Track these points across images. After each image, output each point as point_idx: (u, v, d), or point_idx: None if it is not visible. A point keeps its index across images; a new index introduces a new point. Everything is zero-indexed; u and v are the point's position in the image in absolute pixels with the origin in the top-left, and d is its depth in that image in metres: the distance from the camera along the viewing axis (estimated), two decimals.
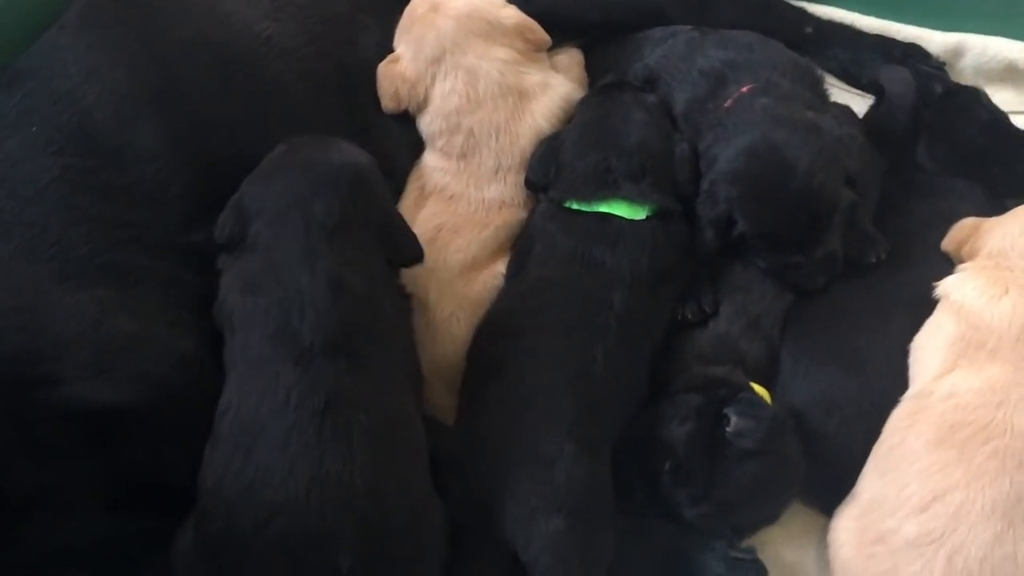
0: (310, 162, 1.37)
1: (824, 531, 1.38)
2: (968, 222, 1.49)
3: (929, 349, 1.38)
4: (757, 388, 1.42)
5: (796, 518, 1.44)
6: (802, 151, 1.45)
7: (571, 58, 1.80)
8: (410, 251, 1.42)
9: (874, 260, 1.50)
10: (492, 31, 1.64)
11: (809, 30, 1.90)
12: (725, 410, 1.35)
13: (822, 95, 1.65)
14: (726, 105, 1.56)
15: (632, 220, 1.50)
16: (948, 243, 1.50)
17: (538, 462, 1.30)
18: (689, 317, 1.48)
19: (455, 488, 1.32)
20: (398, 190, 1.66)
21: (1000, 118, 1.72)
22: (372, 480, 1.20)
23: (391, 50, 1.69)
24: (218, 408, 1.26)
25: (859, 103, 1.83)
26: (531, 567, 1.27)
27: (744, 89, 1.56)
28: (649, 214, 1.51)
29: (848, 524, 1.32)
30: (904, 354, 1.41)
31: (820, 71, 1.71)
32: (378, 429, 1.23)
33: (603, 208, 1.51)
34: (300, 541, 1.16)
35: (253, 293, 1.28)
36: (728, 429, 1.34)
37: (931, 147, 1.69)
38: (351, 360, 1.25)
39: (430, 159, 1.65)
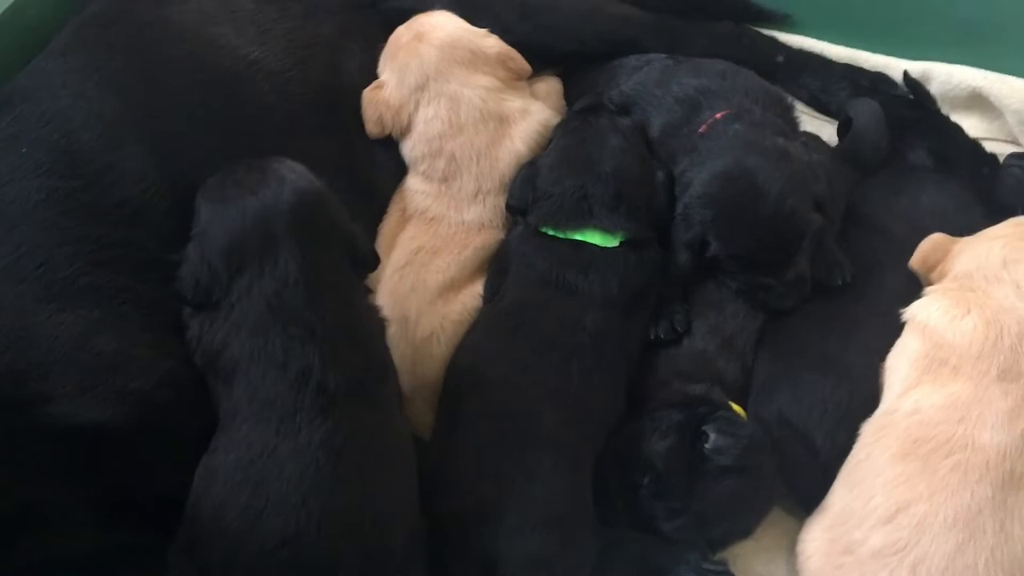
0: (270, 200, 1.32)
1: (794, 545, 1.42)
2: (937, 238, 1.53)
3: (896, 368, 1.42)
4: (735, 407, 1.46)
5: (767, 532, 1.48)
6: (774, 177, 1.49)
7: (550, 86, 1.85)
8: (372, 257, 1.43)
9: (840, 283, 1.54)
10: (474, 59, 1.68)
11: (780, 59, 1.95)
12: (704, 427, 1.39)
13: (792, 122, 1.70)
14: (700, 131, 1.61)
15: (604, 248, 1.54)
16: (916, 260, 1.54)
17: (517, 476, 1.34)
18: (662, 336, 1.52)
19: (435, 502, 1.34)
20: (380, 212, 1.69)
21: None
22: (377, 508, 1.24)
23: (375, 75, 1.72)
24: (218, 447, 1.26)
25: (828, 130, 1.88)
26: None
27: (718, 115, 1.61)
28: (622, 240, 1.54)
29: (817, 535, 1.36)
30: (878, 362, 1.45)
31: (790, 99, 1.76)
32: (384, 459, 1.28)
33: (577, 236, 1.55)
34: (307, 570, 1.19)
35: (262, 339, 1.27)
36: (707, 446, 1.37)
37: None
38: (366, 398, 1.29)
39: (412, 182, 1.69)
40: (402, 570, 1.25)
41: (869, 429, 1.39)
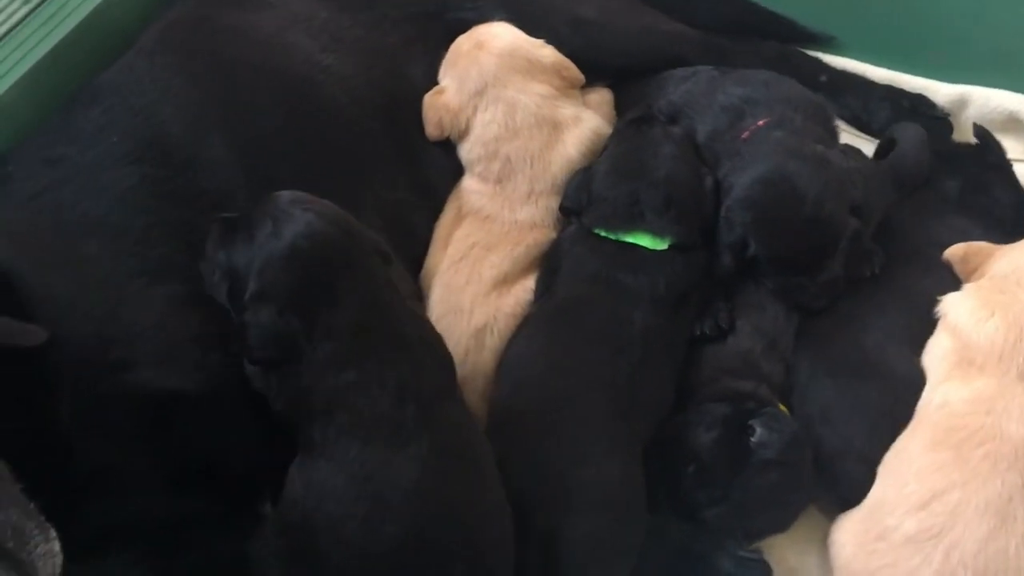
0: (305, 235, 1.32)
1: (825, 539, 1.47)
2: (978, 244, 1.59)
3: (930, 364, 1.48)
4: (780, 406, 1.52)
5: (800, 525, 1.53)
6: (812, 182, 1.56)
7: (601, 96, 1.92)
8: (389, 255, 1.45)
9: (868, 275, 1.60)
10: (531, 68, 1.77)
11: (823, 78, 2.01)
12: (751, 422, 1.45)
13: (832, 131, 1.75)
14: (743, 137, 1.67)
15: (653, 250, 1.60)
16: (952, 253, 1.58)
17: (572, 461, 1.40)
18: (707, 332, 1.58)
19: None
20: (436, 210, 1.78)
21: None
22: (478, 500, 1.31)
23: (436, 82, 1.82)
24: (320, 467, 1.29)
25: (868, 149, 1.92)
26: (565, 559, 1.35)
27: (760, 123, 1.67)
28: (671, 244, 1.61)
29: (850, 525, 1.41)
30: (913, 362, 1.51)
31: (831, 108, 1.82)
32: (476, 451, 1.35)
33: (628, 238, 1.61)
34: (426, 570, 1.26)
35: (354, 369, 1.30)
36: (752, 439, 1.43)
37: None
38: (451, 397, 1.38)
39: (468, 183, 1.78)
40: (504, 556, 1.31)
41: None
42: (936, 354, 1.49)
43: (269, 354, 1.31)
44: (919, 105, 1.99)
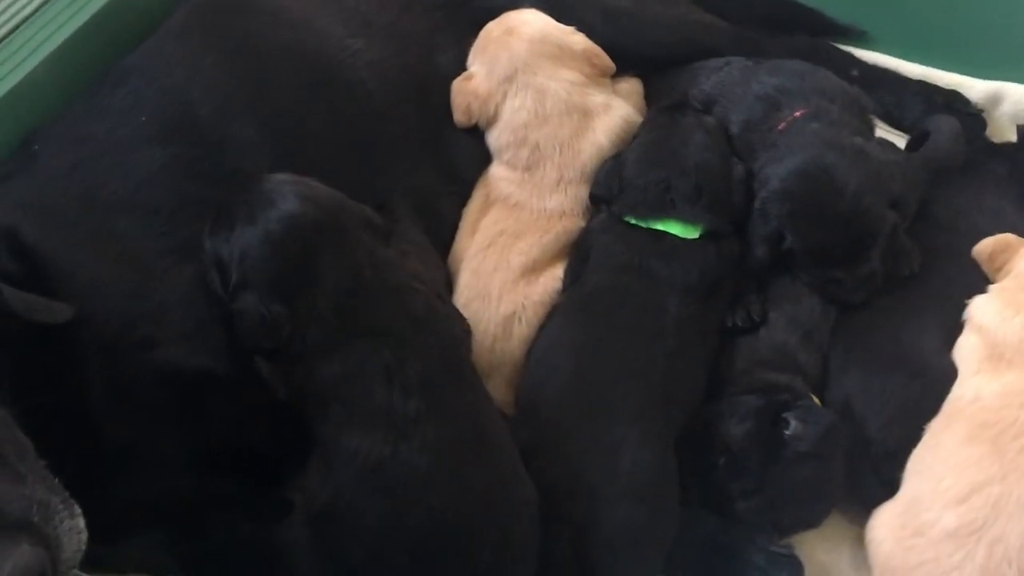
0: (281, 219, 1.31)
1: (857, 535, 1.46)
2: (1007, 238, 1.57)
3: (960, 360, 1.47)
4: (815, 399, 1.50)
5: (830, 522, 1.50)
6: (851, 174, 1.54)
7: (631, 86, 1.90)
8: (386, 224, 1.44)
9: (907, 274, 1.58)
10: (561, 54, 1.75)
11: (855, 73, 1.98)
12: (785, 414, 1.42)
13: (869, 123, 1.73)
14: (779, 128, 1.65)
15: (685, 239, 1.59)
16: (980, 251, 1.57)
17: (606, 450, 1.38)
18: (739, 324, 1.56)
19: None
20: (464, 196, 1.76)
21: None
22: (499, 479, 1.29)
23: (465, 68, 1.80)
24: (332, 466, 1.27)
25: (900, 144, 1.89)
26: (598, 549, 1.33)
27: (797, 114, 1.65)
28: (702, 233, 1.59)
29: (887, 520, 1.38)
30: (944, 355, 1.49)
31: (867, 99, 1.79)
32: (493, 434, 1.32)
33: (659, 226, 1.60)
34: (454, 554, 1.24)
35: (343, 353, 1.28)
36: (787, 432, 1.41)
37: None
38: (455, 375, 1.34)
39: (496, 170, 1.76)
40: (528, 536, 1.29)
41: (936, 418, 1.42)
42: (965, 350, 1.48)
43: (258, 342, 1.30)
44: (953, 101, 1.96)
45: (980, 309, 1.49)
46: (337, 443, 1.26)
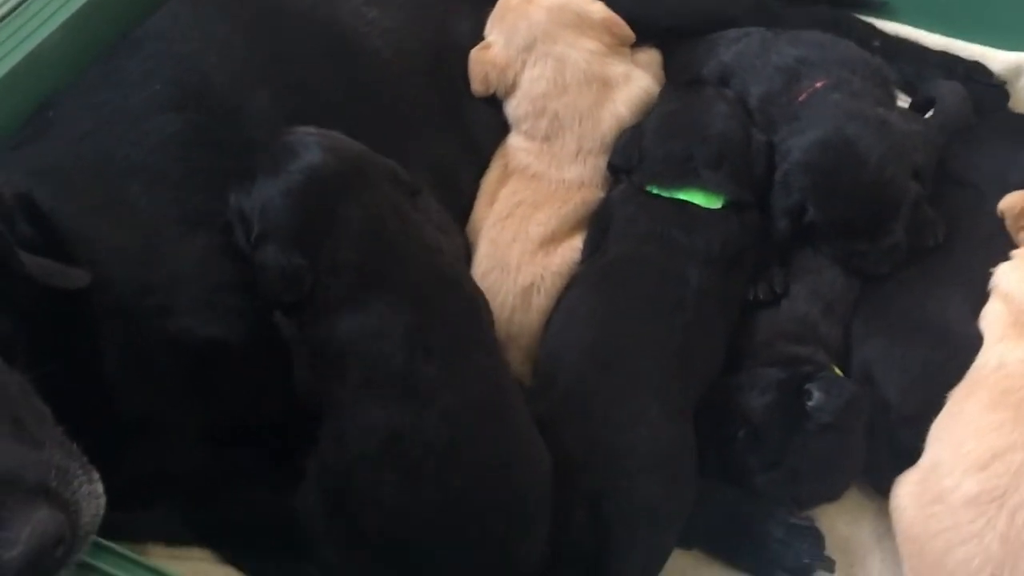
0: (304, 170, 1.30)
1: (878, 507, 1.45)
2: None
3: (985, 327, 1.46)
4: (836, 370, 1.49)
5: (850, 494, 1.50)
6: (874, 145, 1.52)
7: (650, 56, 1.88)
8: (414, 182, 1.41)
9: (931, 244, 1.57)
10: (581, 23, 1.73)
11: (876, 44, 1.96)
12: (807, 385, 1.41)
13: (891, 93, 1.72)
14: (800, 99, 1.64)
15: (708, 208, 1.57)
16: (1007, 206, 1.55)
17: (624, 421, 1.37)
18: (760, 297, 1.55)
19: None
20: (482, 166, 1.75)
21: None
22: (513, 448, 1.26)
23: (482, 37, 1.78)
24: (345, 433, 1.24)
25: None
26: (615, 521, 1.32)
27: (818, 85, 1.64)
28: (724, 203, 1.58)
29: (909, 488, 1.37)
30: (968, 323, 1.48)
31: (890, 70, 1.78)
32: (507, 399, 1.30)
33: (681, 195, 1.58)
34: (467, 523, 1.22)
35: (363, 312, 1.25)
36: (809, 403, 1.40)
37: None
38: (476, 340, 1.31)
39: (515, 140, 1.74)
40: (543, 505, 1.28)
41: (960, 385, 1.41)
42: (990, 318, 1.47)
43: (279, 293, 1.28)
44: (974, 72, 1.94)
45: (1005, 276, 1.48)
46: (353, 413, 1.24)
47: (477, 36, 1.79)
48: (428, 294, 1.28)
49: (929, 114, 1.80)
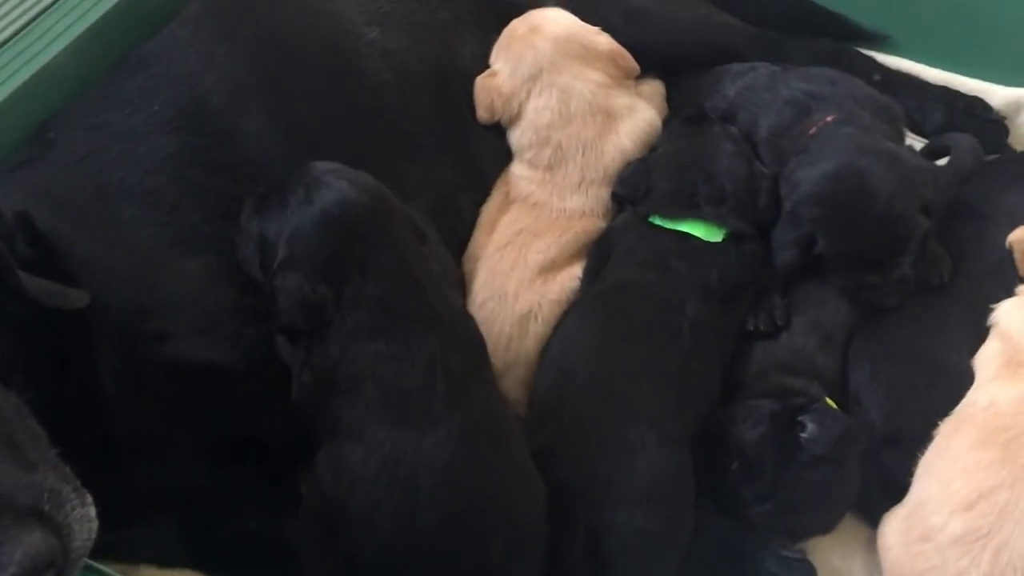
0: (338, 204, 1.32)
1: (870, 540, 1.44)
2: None
3: (979, 365, 1.46)
4: (830, 402, 1.48)
5: (845, 525, 1.49)
6: (885, 178, 1.53)
7: (653, 88, 1.89)
8: (424, 231, 1.44)
9: (937, 283, 1.57)
10: (586, 55, 1.74)
11: (877, 78, 1.96)
12: (801, 417, 1.41)
13: (899, 131, 1.72)
14: (811, 132, 1.64)
15: (708, 241, 1.58)
16: (1014, 237, 1.56)
17: (622, 451, 1.36)
18: (761, 328, 1.55)
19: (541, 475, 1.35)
20: (483, 193, 1.75)
21: None
22: (511, 476, 1.28)
23: (486, 63, 1.78)
24: (349, 454, 1.25)
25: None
26: (613, 552, 1.32)
27: (828, 119, 1.64)
28: (725, 236, 1.58)
29: (896, 526, 1.37)
30: (961, 353, 1.48)
31: (898, 107, 1.78)
32: (506, 430, 1.31)
33: (683, 227, 1.59)
34: (463, 548, 1.23)
35: (383, 341, 1.27)
36: (803, 435, 1.39)
37: None
38: (480, 374, 1.33)
39: (517, 168, 1.74)
40: (538, 532, 1.28)
41: (948, 421, 1.41)
42: (986, 356, 1.47)
43: (297, 321, 1.29)
44: (974, 107, 1.95)
45: (1006, 315, 1.48)
46: (365, 429, 1.25)
47: (480, 60, 1.79)
48: (449, 325, 1.32)
49: (942, 161, 1.80)
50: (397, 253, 1.33)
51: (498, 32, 1.80)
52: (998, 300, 1.50)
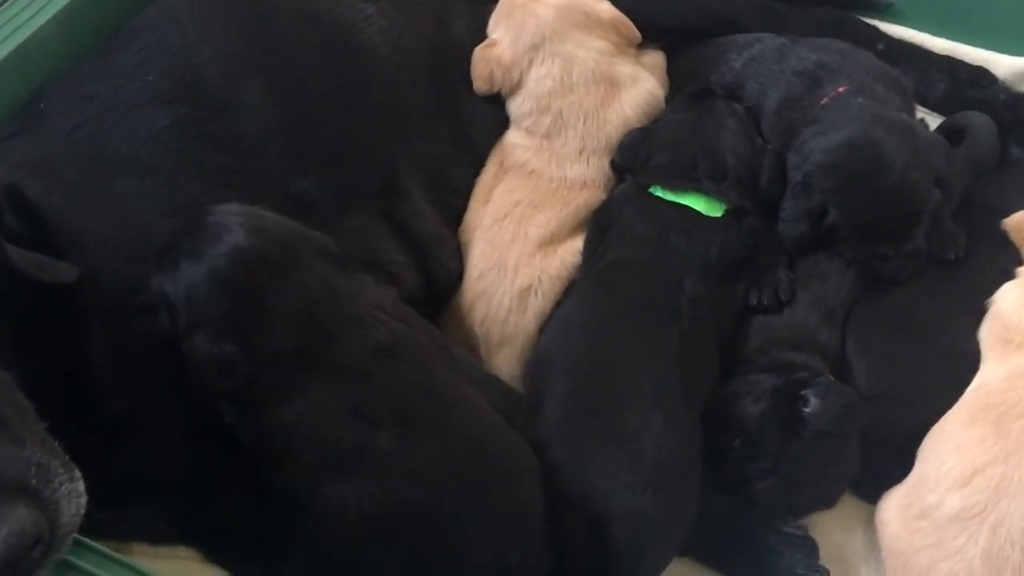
0: (227, 255, 1.21)
1: (871, 517, 1.43)
2: None
3: (982, 350, 1.46)
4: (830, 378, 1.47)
5: (845, 502, 1.48)
6: (899, 149, 1.51)
7: (654, 59, 1.85)
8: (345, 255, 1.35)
9: (952, 257, 1.56)
10: (589, 22, 1.71)
11: (880, 47, 1.93)
12: (804, 392, 1.39)
13: (910, 103, 1.70)
14: (822, 103, 1.61)
15: (708, 215, 1.56)
16: (1010, 223, 1.56)
17: (627, 433, 1.33)
18: (765, 302, 1.53)
19: (543, 460, 1.33)
20: (476, 164, 1.72)
21: None
22: (501, 498, 1.25)
23: (482, 34, 1.75)
24: (328, 492, 1.20)
25: (927, 121, 1.86)
26: (620, 537, 1.29)
27: (840, 89, 1.62)
28: (725, 211, 1.57)
29: (894, 503, 1.37)
30: (964, 343, 1.48)
31: (908, 81, 1.75)
32: (495, 447, 1.28)
33: (683, 200, 1.57)
34: (444, 551, 1.21)
35: (303, 400, 1.20)
36: (806, 409, 1.38)
37: None
38: (446, 397, 1.28)
39: (513, 136, 1.71)
40: (536, 549, 1.25)
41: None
42: (983, 335, 1.47)
43: (214, 387, 1.20)
44: (978, 77, 1.92)
45: (1003, 294, 1.48)
46: (320, 492, 1.19)
47: (475, 33, 1.76)
48: (368, 368, 1.22)
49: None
50: (301, 298, 1.21)
51: (492, 2, 1.77)
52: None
